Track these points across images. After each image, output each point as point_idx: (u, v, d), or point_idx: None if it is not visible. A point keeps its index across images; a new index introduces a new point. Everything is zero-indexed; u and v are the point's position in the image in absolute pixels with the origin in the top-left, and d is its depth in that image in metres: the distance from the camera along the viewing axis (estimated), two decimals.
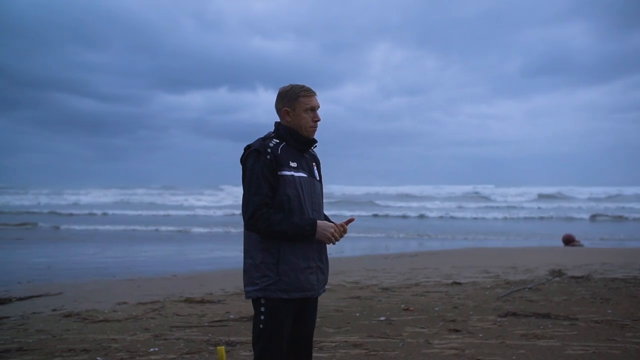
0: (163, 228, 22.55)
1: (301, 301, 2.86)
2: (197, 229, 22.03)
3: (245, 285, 2.86)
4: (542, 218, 29.74)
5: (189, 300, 7.46)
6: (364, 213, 32.44)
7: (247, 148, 2.84)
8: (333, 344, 5.18)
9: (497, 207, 34.57)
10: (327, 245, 2.96)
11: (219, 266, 11.46)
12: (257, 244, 2.81)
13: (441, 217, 30.91)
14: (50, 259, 12.31)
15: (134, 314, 6.62)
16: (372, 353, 4.89)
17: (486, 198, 44.76)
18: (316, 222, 2.79)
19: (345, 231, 2.91)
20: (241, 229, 2.91)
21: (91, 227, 22.69)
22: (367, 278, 9.46)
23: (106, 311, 6.79)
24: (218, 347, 3.44)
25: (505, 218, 29.41)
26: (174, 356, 4.82)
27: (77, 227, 22.71)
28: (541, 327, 5.64)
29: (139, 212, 33.13)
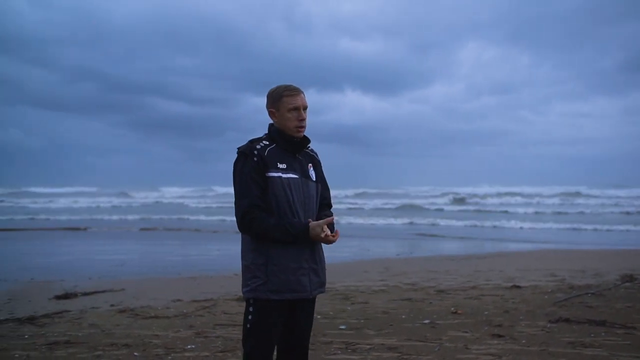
0: None
1: (294, 302, 2.85)
2: None
3: (242, 287, 2.90)
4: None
5: (241, 299, 7.60)
6: (444, 208, 31.94)
7: (238, 151, 2.87)
8: (368, 347, 5.12)
9: (586, 212, 32.58)
10: (325, 246, 2.94)
11: None
12: (248, 245, 2.84)
13: (523, 218, 29.81)
14: (125, 256, 12.89)
15: (184, 311, 6.83)
16: (405, 356, 4.80)
17: (577, 195, 42.71)
18: (309, 227, 2.77)
19: (328, 234, 2.81)
20: None
21: (181, 224, 23.56)
22: (426, 280, 9.29)
23: (159, 308, 7.04)
24: None
25: (597, 218, 27.84)
26: (207, 354, 4.93)
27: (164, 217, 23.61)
28: (592, 335, 5.34)
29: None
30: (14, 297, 7.84)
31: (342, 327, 5.94)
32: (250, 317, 2.81)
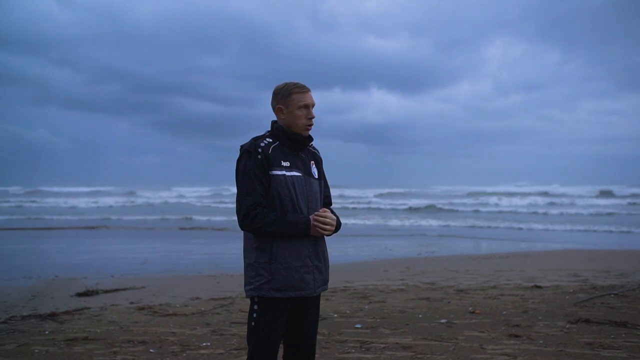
0: None
1: (298, 300, 2.85)
2: None
3: (244, 285, 2.90)
4: None
5: None
6: (467, 209, 31.67)
7: (241, 148, 2.87)
8: (382, 346, 5.11)
9: (619, 213, 31.71)
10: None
11: None
12: (252, 243, 2.85)
13: (546, 215, 29.39)
14: (147, 255, 13.02)
15: (202, 309, 6.88)
16: (419, 356, 4.77)
17: (608, 193, 41.93)
18: (310, 220, 2.79)
19: (321, 218, 2.82)
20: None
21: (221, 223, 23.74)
22: (445, 279, 9.22)
23: (178, 305, 7.11)
24: None
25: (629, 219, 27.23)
26: (222, 351, 4.96)
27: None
28: (612, 336, 5.24)
29: None
30: (37, 294, 7.99)
31: (358, 325, 5.92)
32: (254, 315, 2.82)
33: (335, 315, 6.42)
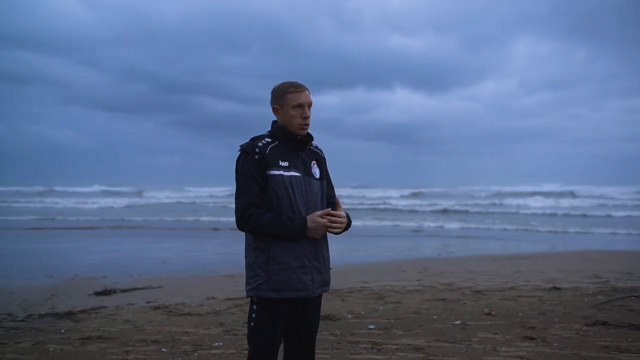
0: None
1: (297, 300, 2.84)
2: None
3: (245, 285, 2.91)
4: None
5: None
6: (488, 210, 31.37)
7: (240, 148, 2.87)
8: (394, 347, 5.07)
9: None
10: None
11: None
12: (251, 243, 2.86)
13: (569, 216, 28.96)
14: (167, 254, 13.13)
15: (217, 308, 6.90)
16: (431, 358, 4.73)
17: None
18: (306, 221, 2.76)
19: (334, 217, 2.82)
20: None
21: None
22: (463, 280, 9.14)
23: (193, 305, 7.15)
24: None
25: None
26: (234, 351, 4.97)
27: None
28: (630, 340, 5.14)
29: None
30: (56, 292, 8.10)
31: (371, 326, 5.90)
32: (253, 315, 2.83)
33: (350, 316, 6.40)
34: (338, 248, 13.94)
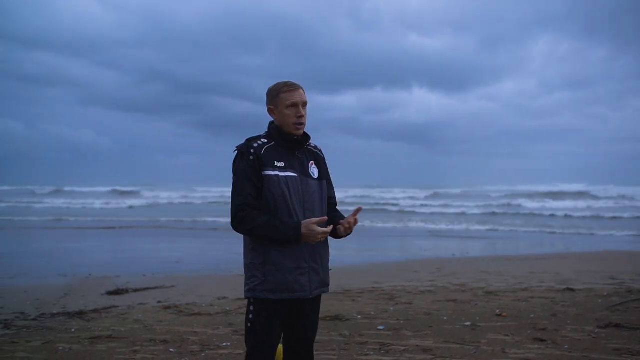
0: None
1: (294, 302, 2.83)
2: None
3: (244, 286, 2.90)
4: None
5: None
6: (505, 211, 31.12)
7: (235, 149, 2.86)
8: (402, 348, 5.04)
9: None
10: (323, 244, 2.88)
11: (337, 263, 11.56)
12: (248, 244, 2.85)
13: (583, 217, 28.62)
14: (181, 254, 13.18)
15: (227, 308, 6.91)
16: (439, 359, 4.69)
17: None
18: (300, 227, 2.70)
19: (355, 222, 2.85)
20: None
21: None
22: (476, 280, 9.07)
23: (204, 305, 7.16)
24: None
25: None
26: (241, 352, 4.97)
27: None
28: None
29: None
30: (69, 292, 8.16)
31: (381, 327, 5.86)
32: (250, 316, 2.81)
33: (359, 317, 6.37)
34: (351, 248, 13.92)
